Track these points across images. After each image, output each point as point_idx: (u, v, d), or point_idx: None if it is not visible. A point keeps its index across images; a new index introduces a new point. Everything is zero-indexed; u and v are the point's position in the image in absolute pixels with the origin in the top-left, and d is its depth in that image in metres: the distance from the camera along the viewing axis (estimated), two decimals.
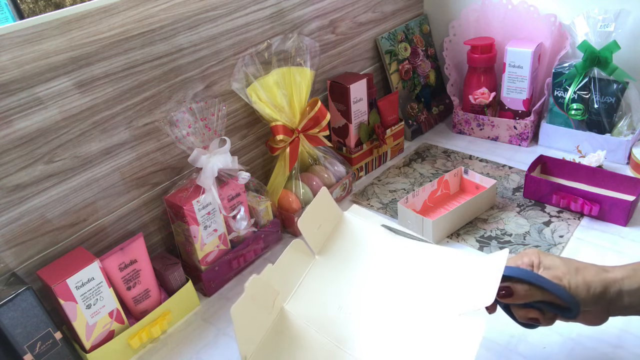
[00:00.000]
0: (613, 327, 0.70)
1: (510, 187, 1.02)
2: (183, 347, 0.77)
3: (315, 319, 0.63)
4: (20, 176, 0.69)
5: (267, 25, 0.94)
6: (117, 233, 0.82)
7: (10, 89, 0.65)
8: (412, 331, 0.60)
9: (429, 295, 0.62)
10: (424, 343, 0.58)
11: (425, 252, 0.66)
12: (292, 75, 0.91)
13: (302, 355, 0.60)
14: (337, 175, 1.02)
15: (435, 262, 0.64)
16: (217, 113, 0.80)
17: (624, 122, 1.04)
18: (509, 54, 1.11)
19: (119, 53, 0.74)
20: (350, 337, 0.62)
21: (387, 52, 1.20)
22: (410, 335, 0.59)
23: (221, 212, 0.83)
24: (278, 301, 0.63)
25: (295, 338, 0.62)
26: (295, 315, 0.63)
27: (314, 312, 0.64)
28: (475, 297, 0.56)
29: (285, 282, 0.65)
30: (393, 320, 0.62)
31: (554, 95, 1.10)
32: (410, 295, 0.63)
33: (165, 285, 0.82)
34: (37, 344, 0.66)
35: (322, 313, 0.64)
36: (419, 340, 0.58)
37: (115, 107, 0.76)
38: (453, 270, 0.62)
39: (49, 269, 0.69)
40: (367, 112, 1.08)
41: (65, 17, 0.67)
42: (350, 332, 0.62)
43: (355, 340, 0.61)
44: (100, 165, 0.77)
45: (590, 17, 1.01)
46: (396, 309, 0.62)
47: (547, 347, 0.69)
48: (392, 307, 0.63)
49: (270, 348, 0.60)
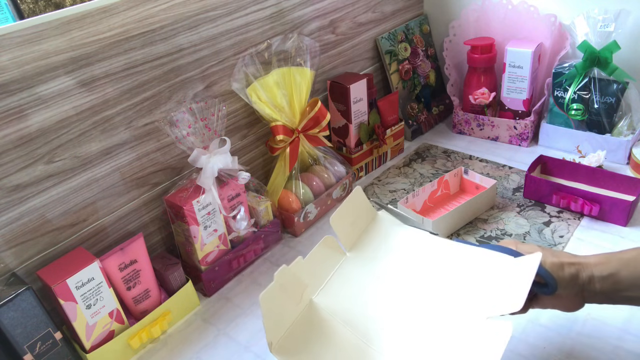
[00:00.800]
0: (613, 327, 0.70)
1: (510, 187, 1.02)
2: (183, 347, 0.77)
3: (343, 313, 0.64)
4: (20, 176, 0.69)
5: (267, 26, 0.94)
6: (117, 233, 0.82)
7: (10, 89, 0.65)
8: (437, 332, 0.60)
9: (458, 296, 0.62)
10: (448, 344, 0.58)
11: (457, 253, 0.66)
12: (292, 75, 0.91)
13: (328, 347, 0.61)
14: (337, 176, 1.02)
15: (466, 264, 0.64)
16: (217, 113, 0.80)
17: (624, 122, 1.04)
18: (509, 54, 1.11)
19: (119, 53, 0.74)
20: (376, 334, 0.62)
21: (387, 52, 1.20)
22: (435, 336, 0.60)
23: (221, 212, 0.83)
24: (307, 294, 0.64)
25: (323, 330, 0.62)
26: (324, 309, 0.64)
27: (342, 307, 0.65)
28: (505, 301, 0.57)
29: (315, 275, 0.66)
30: (419, 320, 0.62)
31: (554, 95, 1.10)
32: (438, 296, 0.63)
33: (165, 286, 0.82)
34: (37, 344, 0.66)
35: (350, 309, 0.65)
36: (444, 341, 0.59)
37: (115, 107, 0.76)
38: (484, 272, 0.62)
39: (49, 269, 0.69)
40: (367, 112, 1.08)
41: (65, 17, 0.67)
42: (376, 329, 0.63)
43: (381, 337, 0.62)
44: (100, 165, 0.77)
45: (590, 17, 1.01)
46: (423, 309, 0.63)
47: (547, 347, 0.69)
48: (419, 307, 0.63)
49: (298, 337, 0.61)
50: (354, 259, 0.69)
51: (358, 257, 0.70)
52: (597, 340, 0.69)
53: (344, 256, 0.69)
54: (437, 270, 0.66)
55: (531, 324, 0.72)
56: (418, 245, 0.69)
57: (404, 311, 0.64)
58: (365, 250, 0.70)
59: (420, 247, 0.69)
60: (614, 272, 0.56)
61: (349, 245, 0.70)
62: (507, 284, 0.58)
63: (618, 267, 0.56)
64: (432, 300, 0.63)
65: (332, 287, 0.66)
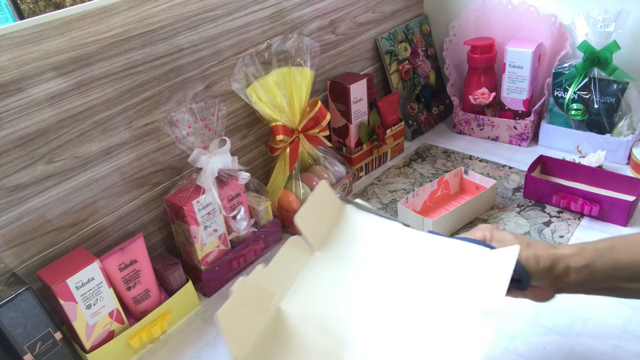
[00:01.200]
0: (613, 327, 0.70)
1: (510, 187, 1.02)
2: (183, 347, 0.77)
3: (313, 319, 0.62)
4: (20, 176, 0.69)
5: (267, 26, 0.94)
6: (117, 233, 0.82)
7: (11, 89, 0.65)
8: (414, 332, 0.58)
9: (435, 293, 0.60)
10: (428, 344, 0.56)
11: (430, 246, 0.64)
12: (292, 75, 0.91)
13: (297, 356, 0.59)
14: (337, 176, 1.02)
15: (441, 258, 0.62)
16: (217, 113, 0.80)
17: (624, 122, 1.04)
18: (509, 54, 1.11)
19: (119, 53, 0.74)
20: (350, 337, 0.60)
21: (387, 53, 1.20)
22: (413, 337, 0.58)
23: (221, 213, 0.83)
24: (274, 301, 0.61)
25: (292, 338, 0.60)
26: (293, 315, 0.61)
27: (313, 312, 0.62)
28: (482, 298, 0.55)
29: (282, 281, 0.63)
30: (395, 320, 0.60)
31: (554, 95, 1.10)
32: (413, 294, 0.61)
33: (165, 286, 0.82)
34: (37, 344, 0.66)
35: (322, 312, 0.62)
36: (422, 341, 0.57)
37: (115, 107, 0.76)
38: (460, 266, 0.60)
39: (49, 269, 0.69)
40: (367, 112, 1.08)
41: (66, 17, 0.67)
42: (350, 332, 0.61)
43: (355, 340, 0.60)
44: (100, 165, 0.77)
45: (590, 17, 1.01)
46: (399, 308, 0.61)
47: (547, 347, 0.69)
48: (394, 306, 0.61)
49: (264, 350, 0.58)
50: (323, 259, 0.66)
51: (328, 257, 0.66)
52: (597, 340, 0.69)
53: (312, 256, 0.66)
54: (411, 266, 0.63)
55: (531, 324, 0.72)
56: (390, 239, 0.66)
57: (378, 311, 0.61)
58: (335, 248, 0.67)
59: (393, 242, 0.66)
60: (589, 262, 0.54)
61: (317, 243, 0.66)
62: (483, 279, 0.57)
63: (593, 257, 0.54)
64: (408, 298, 0.61)
65: (301, 291, 0.63)
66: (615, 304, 0.73)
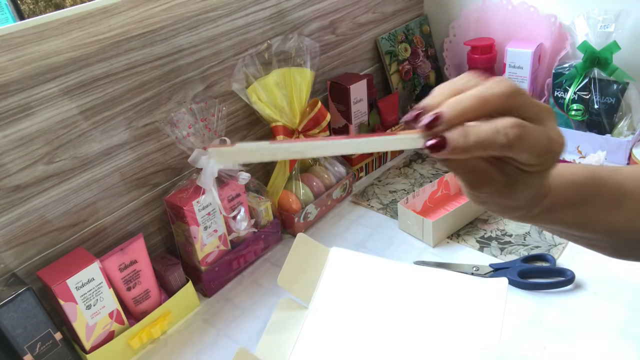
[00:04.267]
0: (613, 327, 0.70)
1: None
2: (183, 347, 0.77)
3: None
4: (20, 177, 0.69)
5: (267, 26, 0.94)
6: (117, 233, 0.82)
7: (11, 89, 0.65)
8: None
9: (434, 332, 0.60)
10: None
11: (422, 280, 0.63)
12: (292, 75, 0.91)
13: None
14: (337, 176, 1.02)
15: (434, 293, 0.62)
16: (217, 114, 0.80)
17: (624, 123, 1.04)
18: (509, 54, 1.11)
19: (119, 53, 0.74)
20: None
21: (387, 53, 1.20)
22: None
23: (221, 213, 0.83)
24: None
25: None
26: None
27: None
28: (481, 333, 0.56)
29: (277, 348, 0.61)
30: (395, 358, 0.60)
31: (554, 95, 1.10)
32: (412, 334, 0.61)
33: (165, 286, 0.82)
34: (37, 344, 0.66)
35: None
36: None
37: (115, 107, 0.76)
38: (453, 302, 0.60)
39: (49, 270, 0.69)
40: (367, 112, 1.08)
41: (66, 18, 0.67)
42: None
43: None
44: (100, 165, 0.77)
45: (590, 18, 1.01)
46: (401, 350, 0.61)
47: (547, 347, 0.69)
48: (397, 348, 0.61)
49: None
50: (316, 313, 0.65)
51: (321, 310, 0.65)
52: (597, 341, 0.69)
53: (305, 312, 0.65)
54: (406, 305, 0.63)
55: (531, 324, 0.72)
56: (379, 278, 0.66)
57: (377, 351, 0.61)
58: (327, 298, 0.66)
59: (382, 281, 0.65)
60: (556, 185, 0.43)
61: (307, 298, 0.66)
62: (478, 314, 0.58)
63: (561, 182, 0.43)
64: (408, 339, 0.60)
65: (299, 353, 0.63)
66: (615, 304, 0.73)
